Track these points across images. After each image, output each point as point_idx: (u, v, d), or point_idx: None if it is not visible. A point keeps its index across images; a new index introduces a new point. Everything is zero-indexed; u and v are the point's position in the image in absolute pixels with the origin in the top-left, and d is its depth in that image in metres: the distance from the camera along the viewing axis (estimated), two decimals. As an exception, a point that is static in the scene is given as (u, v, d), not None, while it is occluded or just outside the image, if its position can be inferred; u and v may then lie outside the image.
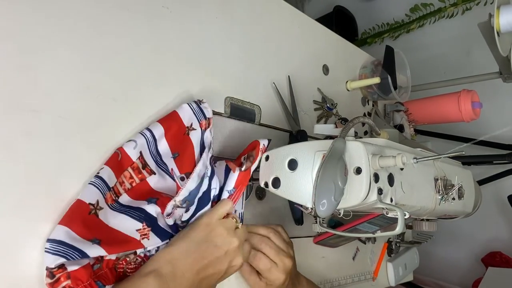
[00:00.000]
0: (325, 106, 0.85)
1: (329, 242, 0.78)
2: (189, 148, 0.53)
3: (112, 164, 0.47)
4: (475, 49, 1.53)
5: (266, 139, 0.58)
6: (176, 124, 0.53)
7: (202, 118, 0.55)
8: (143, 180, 0.50)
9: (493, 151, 1.33)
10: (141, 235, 0.46)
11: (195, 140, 0.54)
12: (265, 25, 0.74)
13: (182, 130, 0.53)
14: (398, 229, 0.44)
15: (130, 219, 0.46)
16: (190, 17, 0.61)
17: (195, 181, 0.51)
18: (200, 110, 0.55)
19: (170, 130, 0.52)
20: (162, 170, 0.52)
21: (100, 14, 0.50)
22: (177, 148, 0.53)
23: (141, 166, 0.50)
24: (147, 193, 0.50)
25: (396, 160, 0.46)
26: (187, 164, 0.52)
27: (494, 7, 0.85)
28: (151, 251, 0.49)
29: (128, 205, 0.47)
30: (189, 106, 0.54)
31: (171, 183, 0.52)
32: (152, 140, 0.51)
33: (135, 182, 0.49)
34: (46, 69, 0.44)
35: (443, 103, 1.06)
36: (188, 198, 0.50)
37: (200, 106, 0.55)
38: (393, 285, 0.99)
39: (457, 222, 0.79)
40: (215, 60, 0.64)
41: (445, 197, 0.59)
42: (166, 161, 0.52)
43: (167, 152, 0.52)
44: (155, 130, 0.51)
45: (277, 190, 0.54)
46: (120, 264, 0.46)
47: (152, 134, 0.51)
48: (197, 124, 0.55)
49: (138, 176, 0.49)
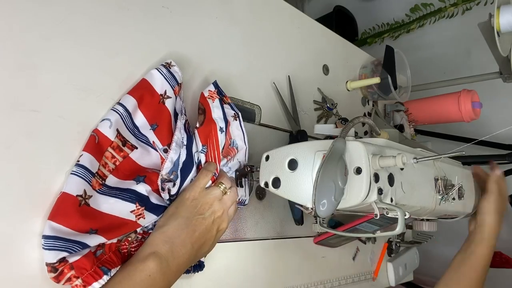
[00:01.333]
0: (325, 106, 0.85)
1: (329, 242, 0.78)
2: (167, 117, 0.51)
3: (91, 148, 0.46)
4: (475, 49, 1.53)
5: (210, 84, 0.57)
6: (148, 92, 0.50)
7: (175, 84, 0.52)
8: (126, 157, 0.49)
9: (493, 151, 1.33)
10: (137, 216, 0.46)
11: (171, 108, 0.52)
12: (265, 25, 0.74)
13: (156, 98, 0.51)
14: (398, 229, 0.44)
15: (122, 202, 0.46)
16: (190, 17, 0.61)
17: (176, 151, 0.50)
18: (172, 75, 0.52)
19: (144, 100, 0.50)
20: (144, 143, 0.51)
21: (100, 14, 0.50)
22: (155, 118, 0.51)
23: (121, 143, 0.48)
24: (134, 170, 0.49)
25: (396, 160, 0.46)
26: (167, 135, 0.51)
27: (494, 7, 0.85)
28: (148, 226, 0.49)
29: (117, 187, 0.47)
30: (159, 72, 0.51)
31: (156, 155, 0.51)
32: (126, 114, 0.49)
33: (119, 161, 0.48)
34: (46, 69, 0.44)
35: (443, 103, 1.06)
36: (175, 169, 0.50)
37: (170, 71, 0.52)
38: (393, 285, 0.99)
39: (457, 222, 0.79)
40: (215, 60, 0.64)
41: (445, 197, 0.59)
42: (146, 133, 0.50)
43: (145, 124, 0.50)
44: (126, 102, 0.49)
45: (277, 190, 0.54)
46: (123, 245, 0.46)
47: (125, 108, 0.48)
48: (171, 91, 0.52)
49: (120, 154, 0.48)
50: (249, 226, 0.66)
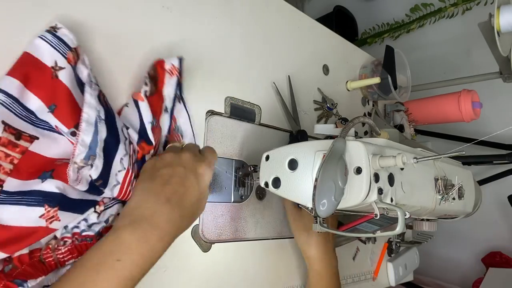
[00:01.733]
0: (325, 106, 0.85)
1: (329, 242, 0.78)
2: (65, 93, 0.41)
3: None
4: (475, 49, 1.53)
5: (175, 57, 0.51)
6: (35, 68, 0.41)
7: (66, 50, 0.42)
8: (26, 151, 0.40)
9: (493, 151, 1.33)
10: (47, 220, 0.39)
11: (68, 81, 0.42)
12: (265, 25, 0.74)
13: (48, 73, 0.41)
14: (398, 229, 0.44)
15: (26, 208, 0.38)
16: (190, 17, 0.61)
17: (89, 132, 0.41)
18: (60, 41, 0.42)
19: (30, 78, 0.40)
20: (46, 130, 0.42)
21: (100, 14, 0.50)
22: (51, 98, 0.41)
23: (13, 137, 0.39)
24: (40, 164, 0.41)
25: (396, 160, 0.46)
26: (71, 114, 0.41)
27: (494, 7, 0.85)
28: (79, 227, 0.43)
29: (18, 191, 0.39)
30: (43, 40, 0.41)
31: (65, 142, 0.43)
32: (11, 100, 0.39)
33: (17, 159, 0.40)
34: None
35: (443, 103, 1.06)
36: (91, 152, 0.41)
37: (57, 36, 0.42)
38: (393, 285, 0.99)
39: (457, 222, 0.79)
40: (215, 60, 0.64)
41: (445, 197, 0.59)
42: (45, 118, 0.42)
43: (41, 106, 0.41)
44: (6, 87, 0.39)
45: (277, 190, 0.54)
46: (46, 253, 0.41)
47: (6, 93, 0.39)
48: (63, 61, 0.42)
49: (15, 150, 0.40)
50: (249, 226, 0.66)
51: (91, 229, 0.44)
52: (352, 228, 0.72)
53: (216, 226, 0.61)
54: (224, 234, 0.62)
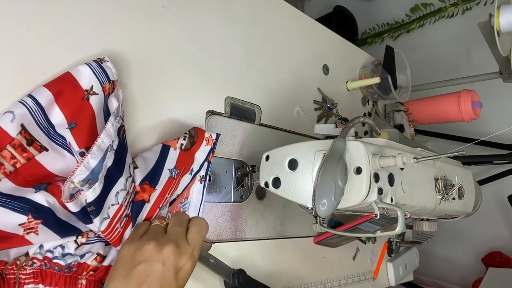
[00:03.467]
0: (325, 106, 0.85)
1: (329, 242, 0.78)
2: (89, 116, 0.43)
3: None
4: (475, 49, 1.53)
5: (215, 133, 0.56)
6: (69, 86, 0.42)
7: (105, 80, 0.45)
8: (31, 159, 0.41)
9: (493, 151, 1.33)
10: (26, 230, 0.38)
11: (96, 106, 0.44)
12: (265, 25, 0.74)
13: (80, 94, 0.43)
14: (398, 229, 0.44)
15: (10, 212, 0.38)
16: (190, 17, 0.61)
17: (97, 156, 0.41)
18: (103, 71, 0.45)
19: (63, 94, 0.42)
20: (58, 145, 0.43)
21: (100, 14, 0.50)
22: (74, 116, 0.42)
23: (25, 142, 0.40)
24: (39, 176, 0.41)
25: (396, 160, 0.46)
26: (87, 136, 0.42)
27: (494, 7, 0.85)
28: (54, 253, 0.41)
29: (9, 194, 0.39)
30: (88, 66, 0.44)
31: (72, 161, 0.43)
32: (37, 108, 0.41)
33: (20, 163, 0.40)
34: (46, 68, 0.44)
35: (443, 103, 1.06)
36: (92, 177, 0.40)
37: (101, 66, 0.45)
38: (393, 285, 0.99)
39: (457, 222, 0.79)
40: (215, 60, 0.64)
41: (445, 197, 0.59)
42: (63, 133, 0.42)
43: (62, 122, 0.42)
44: (38, 95, 0.41)
45: (277, 190, 0.54)
46: (10, 269, 0.39)
47: (36, 101, 0.41)
48: (99, 88, 0.44)
49: (22, 155, 0.40)
50: (249, 226, 0.66)
51: (63, 259, 0.42)
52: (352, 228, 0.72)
53: (216, 226, 0.61)
54: (224, 234, 0.62)
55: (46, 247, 0.41)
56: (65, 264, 0.42)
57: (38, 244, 0.41)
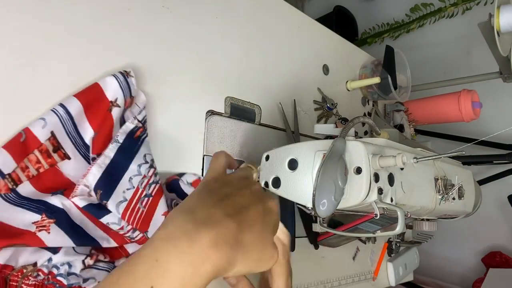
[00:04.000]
0: (325, 106, 0.85)
1: (329, 242, 0.78)
2: (108, 126, 0.46)
3: (12, 146, 0.40)
4: (475, 49, 1.53)
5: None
6: (98, 99, 0.45)
7: (128, 95, 0.47)
8: (53, 166, 0.42)
9: (493, 151, 1.33)
10: (38, 227, 0.39)
11: (116, 118, 0.46)
12: (265, 25, 0.74)
13: (105, 105, 0.45)
14: (398, 229, 0.44)
15: (26, 212, 0.39)
16: (190, 17, 0.61)
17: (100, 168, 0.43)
18: (127, 85, 0.47)
19: (92, 106, 0.45)
20: (81, 155, 0.45)
21: (100, 14, 0.50)
22: (99, 127, 0.45)
23: (51, 149, 0.42)
24: (58, 183, 0.43)
25: (396, 160, 0.46)
26: (102, 144, 0.45)
27: (494, 7, 0.85)
28: (59, 269, 0.40)
29: (28, 197, 0.40)
30: (115, 79, 0.46)
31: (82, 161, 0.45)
32: (67, 117, 0.43)
33: (43, 168, 0.42)
34: (47, 68, 0.44)
35: (443, 103, 1.06)
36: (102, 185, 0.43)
37: (127, 80, 0.47)
38: (393, 285, 0.99)
39: (457, 222, 0.79)
40: (215, 60, 0.64)
41: (445, 197, 0.59)
42: (88, 142, 0.45)
43: (90, 132, 0.45)
44: (69, 105, 0.43)
45: (277, 190, 0.54)
46: (14, 275, 0.39)
47: (66, 111, 0.43)
48: (122, 101, 0.47)
49: (47, 160, 0.42)
50: (249, 226, 0.66)
51: (67, 278, 0.41)
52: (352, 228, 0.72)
53: (216, 226, 0.61)
54: (224, 234, 0.62)
55: (54, 261, 0.41)
56: (67, 283, 0.42)
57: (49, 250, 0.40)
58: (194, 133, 0.59)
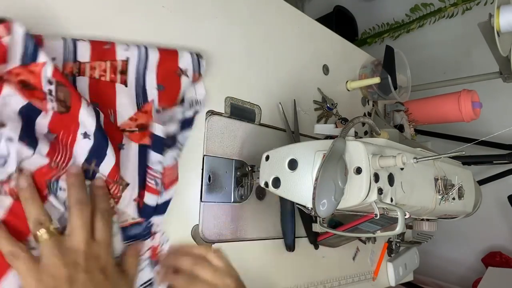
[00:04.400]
0: (325, 106, 0.85)
1: (329, 242, 0.78)
2: (176, 87, 0.53)
3: (96, 45, 0.46)
4: (475, 49, 1.53)
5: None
6: (171, 59, 0.52)
7: (197, 70, 0.55)
8: (112, 83, 0.47)
9: (493, 151, 1.33)
10: None
11: (184, 85, 0.54)
12: (265, 25, 0.74)
13: (174, 68, 0.53)
14: (398, 229, 0.44)
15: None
16: (190, 17, 0.61)
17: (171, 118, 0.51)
18: (198, 63, 0.55)
19: (165, 62, 0.52)
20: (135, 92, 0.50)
21: (100, 14, 0.50)
22: (164, 81, 0.52)
23: (119, 68, 0.48)
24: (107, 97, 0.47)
25: (396, 160, 0.46)
26: (168, 100, 0.52)
27: (494, 7, 0.85)
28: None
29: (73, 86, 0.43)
30: (190, 55, 0.54)
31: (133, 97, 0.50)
32: (144, 58, 0.50)
33: (104, 78, 0.47)
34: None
35: (443, 103, 1.06)
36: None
37: (199, 60, 0.56)
38: (393, 285, 0.99)
39: (457, 222, 0.79)
40: (215, 60, 0.64)
41: (445, 197, 0.60)
42: (148, 89, 0.51)
43: (152, 81, 0.51)
44: (151, 51, 0.51)
45: (277, 190, 0.54)
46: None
47: (146, 53, 0.50)
48: (191, 73, 0.54)
49: (111, 75, 0.47)
50: (249, 226, 0.66)
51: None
52: (352, 228, 0.72)
53: (216, 226, 0.61)
54: (224, 234, 0.62)
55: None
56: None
57: None
58: (194, 133, 0.59)
